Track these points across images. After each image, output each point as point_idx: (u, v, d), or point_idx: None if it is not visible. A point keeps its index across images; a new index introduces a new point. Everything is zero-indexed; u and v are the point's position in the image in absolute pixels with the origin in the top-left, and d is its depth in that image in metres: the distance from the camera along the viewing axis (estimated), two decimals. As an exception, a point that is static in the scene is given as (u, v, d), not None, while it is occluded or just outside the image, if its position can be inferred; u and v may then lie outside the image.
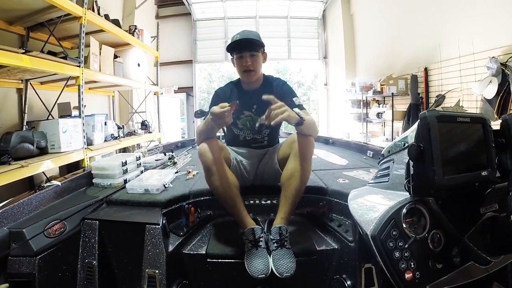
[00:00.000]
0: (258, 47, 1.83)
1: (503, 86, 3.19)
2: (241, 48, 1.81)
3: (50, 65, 2.80)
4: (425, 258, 1.00)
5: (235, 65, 1.89)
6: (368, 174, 2.18)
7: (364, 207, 1.17)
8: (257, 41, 1.80)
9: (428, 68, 4.62)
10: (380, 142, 5.31)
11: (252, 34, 1.84)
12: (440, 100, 4.01)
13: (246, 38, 1.79)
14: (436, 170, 0.94)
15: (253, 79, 1.87)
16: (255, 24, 8.41)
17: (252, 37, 1.80)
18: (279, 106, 1.44)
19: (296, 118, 1.49)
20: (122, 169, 2.08)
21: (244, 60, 1.81)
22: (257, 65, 1.84)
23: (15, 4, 2.92)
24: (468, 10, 3.78)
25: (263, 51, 1.88)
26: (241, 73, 1.87)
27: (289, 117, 1.45)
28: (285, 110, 1.44)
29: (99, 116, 3.87)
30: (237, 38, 1.80)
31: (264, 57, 1.91)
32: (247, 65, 1.81)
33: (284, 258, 1.39)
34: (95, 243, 1.53)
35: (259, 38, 1.83)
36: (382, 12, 6.13)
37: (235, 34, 1.85)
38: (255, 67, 1.83)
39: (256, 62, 1.83)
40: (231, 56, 1.91)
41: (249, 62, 1.80)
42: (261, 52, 1.86)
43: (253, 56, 1.82)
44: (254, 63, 1.82)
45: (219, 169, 1.61)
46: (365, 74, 6.41)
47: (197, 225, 1.72)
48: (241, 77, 1.92)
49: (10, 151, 2.53)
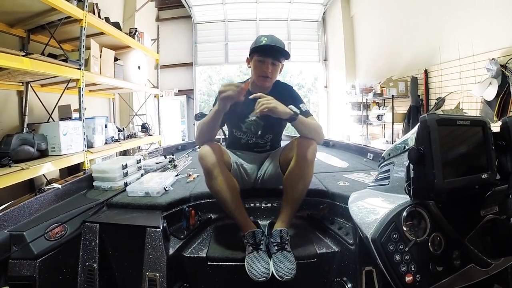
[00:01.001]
0: (283, 57, 1.82)
1: (503, 88, 3.20)
2: (266, 54, 1.79)
3: (51, 67, 2.82)
4: (425, 261, 1.00)
5: (253, 67, 1.86)
6: (369, 176, 2.18)
7: (364, 210, 1.17)
8: (284, 51, 1.78)
9: (428, 70, 4.62)
10: (380, 144, 5.31)
11: (280, 43, 1.80)
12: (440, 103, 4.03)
13: (276, 45, 1.76)
14: (436, 174, 0.94)
15: (267, 85, 1.86)
16: (255, 26, 8.42)
17: (279, 45, 1.77)
18: (267, 98, 1.52)
19: (288, 113, 1.53)
20: (123, 172, 2.07)
21: (265, 65, 1.79)
22: (275, 74, 1.84)
23: (16, 7, 2.93)
24: (467, 12, 3.79)
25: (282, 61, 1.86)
26: (258, 77, 1.83)
27: (276, 109, 1.51)
28: (272, 102, 1.51)
29: (100, 119, 3.88)
30: (265, 41, 1.78)
31: (282, 67, 1.89)
32: (267, 72, 1.79)
33: (284, 261, 1.39)
34: (95, 246, 1.53)
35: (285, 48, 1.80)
36: (382, 14, 6.15)
37: (261, 35, 1.83)
38: (273, 75, 1.83)
39: (275, 71, 1.83)
40: (250, 56, 1.88)
41: (269, 69, 1.79)
42: (281, 62, 1.85)
43: (275, 64, 1.81)
44: (274, 71, 1.82)
45: (219, 172, 1.61)
46: (365, 76, 6.41)
47: (198, 228, 1.71)
48: (256, 80, 1.86)
49: (10, 154, 2.54)
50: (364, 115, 6.17)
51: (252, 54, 1.85)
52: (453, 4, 4.05)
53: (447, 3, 4.15)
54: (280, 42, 1.80)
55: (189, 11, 8.07)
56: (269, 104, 1.50)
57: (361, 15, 7.16)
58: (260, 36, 1.84)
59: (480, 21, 3.58)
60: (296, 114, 1.57)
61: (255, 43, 1.83)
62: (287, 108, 1.57)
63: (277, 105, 1.52)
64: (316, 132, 1.66)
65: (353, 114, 6.64)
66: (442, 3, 4.26)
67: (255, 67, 1.83)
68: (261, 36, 1.83)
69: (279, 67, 1.86)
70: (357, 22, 7.36)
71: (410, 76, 4.92)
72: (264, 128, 1.92)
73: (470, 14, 3.76)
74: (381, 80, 5.60)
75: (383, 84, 5.43)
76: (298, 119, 1.58)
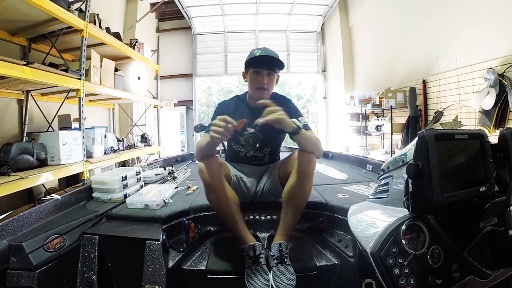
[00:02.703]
0: (278, 67, 1.81)
1: (501, 97, 3.22)
2: (261, 65, 1.78)
3: (52, 77, 2.83)
4: (424, 274, 1.00)
5: (249, 80, 1.85)
6: (368, 188, 2.19)
7: (363, 223, 1.17)
8: (279, 60, 1.77)
9: (426, 81, 4.65)
10: (379, 154, 5.32)
11: (274, 53, 1.80)
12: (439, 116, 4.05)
13: (270, 55, 1.77)
14: (434, 188, 0.95)
15: (265, 97, 1.79)
16: (255, 38, 8.50)
17: (274, 55, 1.78)
18: (276, 108, 1.47)
19: (291, 126, 1.49)
20: (122, 183, 2.08)
21: (261, 77, 1.78)
22: (271, 85, 1.82)
23: (19, 16, 2.96)
24: (465, 22, 3.83)
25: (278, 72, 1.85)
26: (254, 89, 1.82)
27: (283, 121, 1.45)
28: (282, 113, 1.46)
29: (99, 129, 3.88)
30: (258, 53, 1.78)
31: (278, 78, 1.88)
32: (263, 83, 1.78)
33: (284, 275, 1.39)
34: (94, 258, 1.52)
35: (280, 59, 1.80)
36: (380, 25, 6.21)
37: (255, 48, 1.84)
38: (269, 87, 1.81)
39: (272, 82, 1.81)
40: (246, 69, 1.88)
41: (265, 80, 1.77)
42: (277, 73, 1.84)
43: (270, 75, 1.79)
44: (270, 82, 1.80)
45: (219, 186, 1.61)
46: (364, 87, 6.43)
47: (197, 240, 1.71)
48: (252, 93, 1.85)
49: (10, 162, 2.53)
50: (363, 125, 6.18)
51: (248, 67, 1.85)
52: (450, 14, 4.09)
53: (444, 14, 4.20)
54: (274, 53, 1.80)
55: (189, 23, 8.14)
56: (280, 115, 1.44)
57: (359, 26, 7.23)
58: (254, 49, 1.85)
59: (477, 31, 3.62)
60: (299, 128, 1.54)
61: (249, 56, 1.84)
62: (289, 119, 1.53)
63: (285, 116, 1.47)
64: (315, 146, 1.65)
65: (352, 125, 6.65)
66: (439, 14, 4.31)
67: (251, 80, 1.83)
68: (255, 49, 1.84)
69: (275, 78, 1.84)
70: (356, 33, 7.44)
71: (408, 87, 4.94)
72: (263, 141, 1.91)
73: (467, 24, 3.79)
74: (380, 91, 5.64)
75: (381, 95, 5.46)
76: (301, 133, 1.55)
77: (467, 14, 3.80)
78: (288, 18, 8.15)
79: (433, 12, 4.45)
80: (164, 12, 8.21)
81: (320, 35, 8.72)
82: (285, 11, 7.89)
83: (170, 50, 8.22)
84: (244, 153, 1.97)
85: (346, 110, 6.81)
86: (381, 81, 5.94)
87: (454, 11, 4.01)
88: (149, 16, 7.26)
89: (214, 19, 8.10)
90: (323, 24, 8.49)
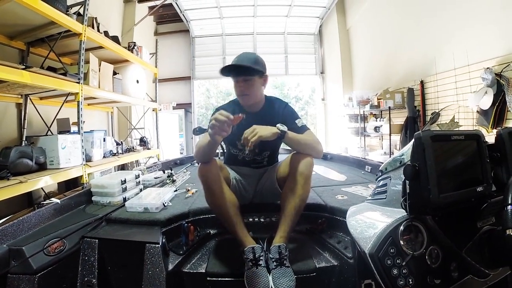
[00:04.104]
0: (251, 73, 1.75)
1: (499, 96, 3.23)
2: (232, 73, 1.79)
3: (50, 81, 2.84)
4: (423, 274, 1.00)
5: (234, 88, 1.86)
6: (367, 189, 2.20)
7: (362, 224, 1.18)
8: (249, 67, 1.73)
9: (424, 81, 4.66)
10: (378, 156, 5.32)
11: (248, 58, 1.78)
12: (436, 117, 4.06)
13: (238, 64, 1.74)
14: (431, 189, 0.95)
15: (249, 103, 1.83)
16: (253, 40, 8.53)
17: (245, 62, 1.74)
18: (250, 131, 1.53)
19: (275, 133, 1.56)
20: (122, 187, 2.08)
21: (238, 84, 1.78)
22: (252, 90, 1.78)
23: (17, 20, 2.97)
24: (462, 22, 3.84)
25: (262, 75, 1.82)
26: (238, 96, 1.84)
27: (262, 137, 1.51)
28: (255, 132, 1.51)
29: (98, 133, 3.89)
30: (235, 61, 1.77)
31: (263, 81, 1.85)
32: (241, 90, 1.78)
33: (284, 277, 1.39)
34: (94, 261, 1.53)
35: (256, 62, 1.77)
36: (377, 26, 6.23)
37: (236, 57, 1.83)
38: (250, 92, 1.78)
39: (251, 87, 1.78)
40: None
41: (242, 87, 1.77)
42: (258, 77, 1.80)
43: (247, 81, 1.76)
44: (249, 87, 1.77)
45: (219, 188, 1.62)
46: (362, 89, 6.45)
47: (197, 243, 1.72)
48: (239, 101, 1.87)
49: (9, 166, 2.54)
50: (362, 127, 6.19)
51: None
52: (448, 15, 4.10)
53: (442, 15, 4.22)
54: (249, 58, 1.78)
55: (187, 26, 8.15)
56: (254, 136, 1.49)
57: (357, 27, 7.25)
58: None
59: (474, 31, 3.63)
60: (284, 132, 1.57)
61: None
62: (273, 128, 1.57)
63: (261, 133, 1.51)
64: (311, 147, 1.66)
65: (351, 126, 6.66)
66: (437, 14, 4.33)
67: (234, 88, 1.84)
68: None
69: (256, 82, 1.79)
70: (353, 34, 7.46)
71: (406, 88, 4.96)
72: (261, 147, 1.90)
73: (464, 24, 3.80)
74: (378, 92, 5.65)
75: (379, 96, 5.47)
76: (287, 137, 1.59)
77: (464, 14, 3.81)
78: (286, 20, 8.16)
79: (431, 12, 4.46)
80: (162, 15, 8.23)
81: (318, 37, 8.75)
82: (283, 14, 7.90)
83: (169, 53, 8.25)
84: (243, 156, 1.97)
85: (345, 111, 6.82)
86: (379, 82, 5.95)
87: (452, 11, 4.02)
88: (147, 19, 7.28)
89: (212, 22, 8.11)
90: (321, 26, 8.52)
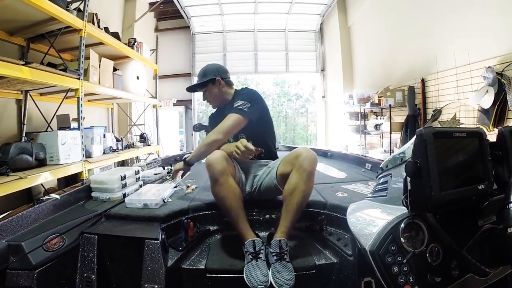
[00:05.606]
0: (203, 86, 2.12)
1: (500, 95, 3.22)
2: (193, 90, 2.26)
3: (50, 77, 2.82)
4: (423, 272, 1.00)
5: None
6: (367, 187, 2.19)
7: (362, 222, 1.17)
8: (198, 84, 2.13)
9: (425, 79, 4.66)
10: (378, 153, 5.32)
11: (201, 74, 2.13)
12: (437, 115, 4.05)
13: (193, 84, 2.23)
14: (433, 186, 0.94)
15: (215, 105, 2.23)
16: (253, 37, 8.52)
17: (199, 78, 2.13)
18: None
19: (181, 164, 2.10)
20: (121, 183, 2.07)
21: (202, 95, 2.19)
22: (210, 96, 2.15)
23: (17, 15, 2.95)
24: (463, 21, 3.83)
25: (214, 82, 2.09)
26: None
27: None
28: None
29: (98, 129, 3.88)
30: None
31: (218, 84, 2.10)
32: (204, 98, 2.20)
33: (283, 271, 1.40)
34: (94, 257, 1.52)
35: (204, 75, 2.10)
36: (378, 24, 6.22)
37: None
38: (210, 98, 2.17)
39: (210, 94, 2.14)
40: None
41: (204, 97, 2.20)
42: (211, 84, 2.10)
43: (204, 92, 2.15)
44: (208, 95, 2.16)
45: (226, 180, 1.64)
46: (363, 86, 6.44)
47: (196, 240, 1.71)
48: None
49: (8, 162, 2.53)
50: (362, 124, 6.20)
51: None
52: (449, 13, 4.09)
53: (443, 13, 4.21)
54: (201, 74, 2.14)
55: (188, 22, 8.14)
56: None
57: (358, 25, 7.24)
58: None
59: (476, 30, 3.62)
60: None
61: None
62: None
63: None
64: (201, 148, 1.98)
65: (351, 124, 6.66)
66: (438, 13, 4.31)
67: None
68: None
69: (212, 89, 2.12)
70: (354, 32, 7.44)
71: (407, 86, 4.95)
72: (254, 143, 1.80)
73: (466, 22, 3.80)
74: (379, 90, 5.63)
75: (380, 94, 5.46)
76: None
77: (466, 12, 3.80)
78: (286, 17, 8.15)
79: (432, 11, 4.45)
80: (163, 11, 8.21)
81: (319, 34, 8.74)
82: (283, 10, 7.90)
83: (169, 49, 8.21)
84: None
85: (345, 109, 6.81)
86: (380, 80, 5.95)
87: (453, 9, 4.01)
88: (148, 16, 7.25)
89: (213, 18, 8.11)
90: (322, 23, 8.50)
